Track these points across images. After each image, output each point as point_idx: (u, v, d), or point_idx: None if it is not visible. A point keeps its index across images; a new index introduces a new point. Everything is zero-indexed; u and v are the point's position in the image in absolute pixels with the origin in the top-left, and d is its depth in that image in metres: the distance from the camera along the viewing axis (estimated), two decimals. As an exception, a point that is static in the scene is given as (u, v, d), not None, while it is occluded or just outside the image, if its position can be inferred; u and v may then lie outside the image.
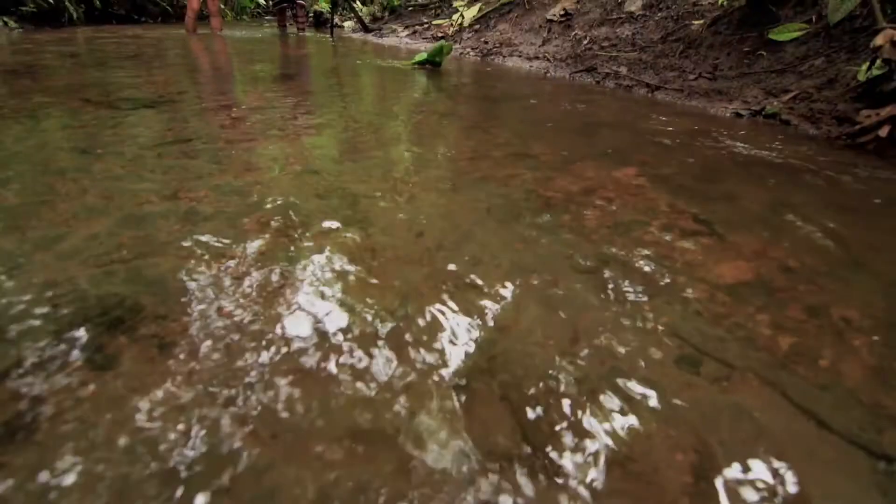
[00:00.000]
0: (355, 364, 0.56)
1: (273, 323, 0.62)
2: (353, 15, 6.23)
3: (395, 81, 2.52)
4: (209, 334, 0.59)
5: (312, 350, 0.58)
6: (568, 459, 0.45)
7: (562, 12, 3.44)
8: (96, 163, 1.10)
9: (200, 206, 0.91)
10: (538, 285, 0.73)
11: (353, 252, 0.79)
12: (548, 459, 0.45)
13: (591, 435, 0.48)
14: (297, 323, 0.62)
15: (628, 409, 0.52)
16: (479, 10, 4.25)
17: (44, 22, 5.55)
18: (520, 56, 3.24)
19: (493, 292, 0.71)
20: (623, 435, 0.48)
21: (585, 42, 3.01)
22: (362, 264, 0.76)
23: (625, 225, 0.94)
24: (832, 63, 1.99)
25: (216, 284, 0.69)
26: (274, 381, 0.52)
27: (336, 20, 6.18)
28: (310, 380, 0.53)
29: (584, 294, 0.72)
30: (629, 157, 1.33)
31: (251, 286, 0.69)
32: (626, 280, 0.76)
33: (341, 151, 1.30)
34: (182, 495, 0.40)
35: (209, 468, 0.42)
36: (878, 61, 1.69)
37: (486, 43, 3.70)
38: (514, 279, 0.74)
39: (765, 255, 0.86)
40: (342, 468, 0.43)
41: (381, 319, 0.64)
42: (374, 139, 1.42)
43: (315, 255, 0.78)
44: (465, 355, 0.58)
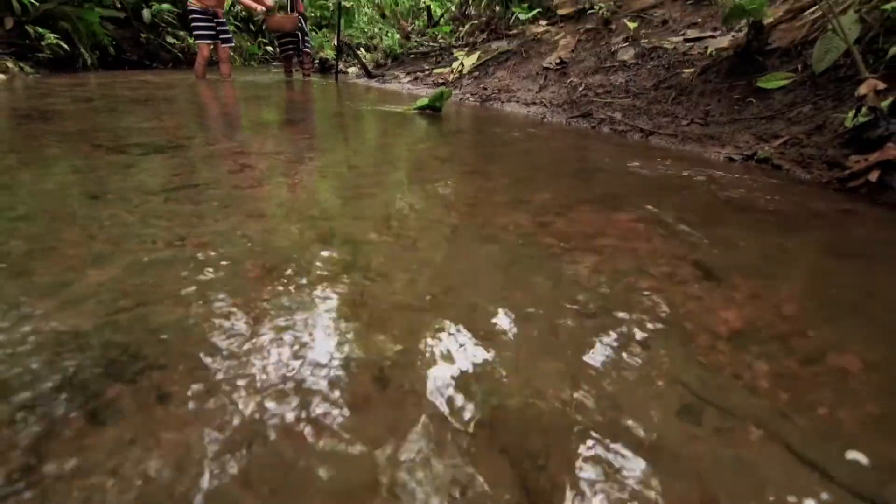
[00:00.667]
0: (354, 416, 0.56)
1: (272, 373, 0.62)
2: (356, 61, 6.47)
3: (396, 126, 2.59)
4: (208, 385, 0.59)
5: (311, 402, 0.58)
6: (570, 518, 0.45)
7: (557, 60, 3.58)
8: (105, 208, 1.13)
9: (205, 253, 0.93)
10: (537, 333, 0.74)
11: (355, 299, 0.80)
12: (550, 518, 0.45)
13: (594, 489, 0.48)
14: (296, 373, 0.62)
15: (631, 461, 0.51)
16: (479, 57, 4.42)
17: (59, 67, 5.77)
18: (517, 102, 3.35)
19: (493, 341, 0.71)
20: (627, 489, 0.48)
21: (581, 89, 3.12)
22: (363, 311, 0.77)
23: (623, 271, 0.95)
24: (819, 110, 2.06)
25: (217, 333, 0.69)
26: (271, 434, 0.52)
27: (340, 66, 6.42)
28: (308, 433, 0.53)
29: (585, 342, 0.72)
30: (626, 202, 1.36)
31: (252, 335, 0.70)
32: (627, 327, 0.76)
33: (344, 196, 1.33)
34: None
35: (207, 527, 0.42)
36: (864, 109, 1.75)
37: (485, 89, 3.83)
38: (514, 327, 0.75)
39: (763, 301, 0.87)
40: (342, 527, 0.42)
41: (380, 369, 0.64)
42: (377, 184, 1.46)
43: (316, 303, 0.79)
44: (463, 406, 0.58)
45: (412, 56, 5.95)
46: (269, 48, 9.79)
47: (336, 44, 5.89)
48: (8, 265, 0.86)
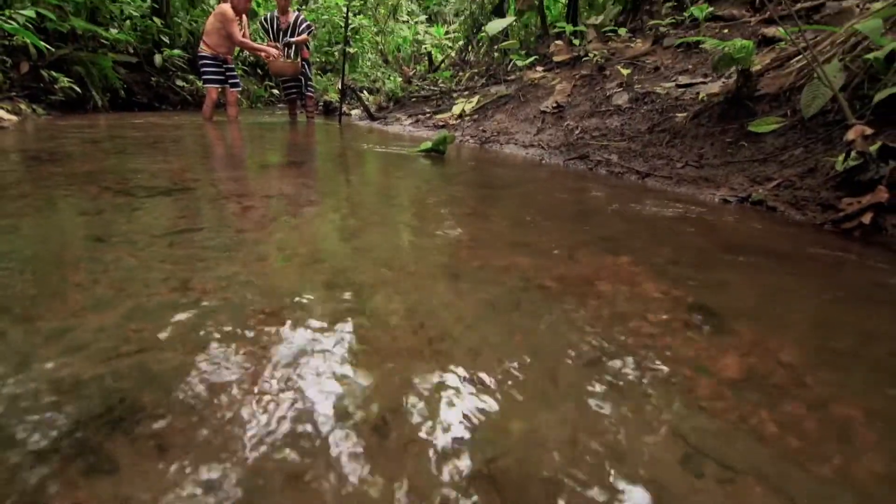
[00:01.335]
0: (354, 467, 0.55)
1: (272, 423, 0.62)
2: (359, 104, 6.66)
3: (399, 168, 2.65)
4: (207, 437, 0.59)
5: (312, 453, 0.57)
6: (573, 579, 0.44)
7: (554, 104, 3.69)
8: (110, 252, 1.15)
9: (207, 298, 0.93)
10: (538, 380, 0.74)
11: (356, 345, 0.81)
12: (552, 579, 0.44)
13: (596, 550, 0.47)
14: (297, 422, 0.62)
15: (634, 519, 0.51)
16: (478, 101, 4.56)
17: (70, 109, 5.93)
18: (516, 144, 3.43)
19: (493, 388, 0.71)
20: (629, 550, 0.47)
21: (577, 132, 3.21)
22: (364, 357, 0.77)
23: (623, 316, 0.96)
24: (811, 153, 2.11)
25: (217, 382, 0.69)
26: (271, 488, 0.52)
27: (344, 108, 6.61)
28: (307, 484, 0.52)
29: (585, 389, 0.72)
30: (625, 245, 1.38)
31: (252, 383, 0.70)
32: (627, 374, 0.76)
33: (346, 239, 1.35)
34: None
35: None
36: (853, 153, 1.80)
37: (484, 131, 3.94)
38: (514, 374, 0.75)
39: (764, 347, 0.87)
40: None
41: (380, 418, 0.64)
42: (379, 227, 1.48)
43: (317, 349, 0.79)
44: (463, 457, 0.58)
45: (413, 99, 6.14)
46: (276, 91, 10.10)
47: (340, 87, 6.09)
48: (13, 310, 0.87)
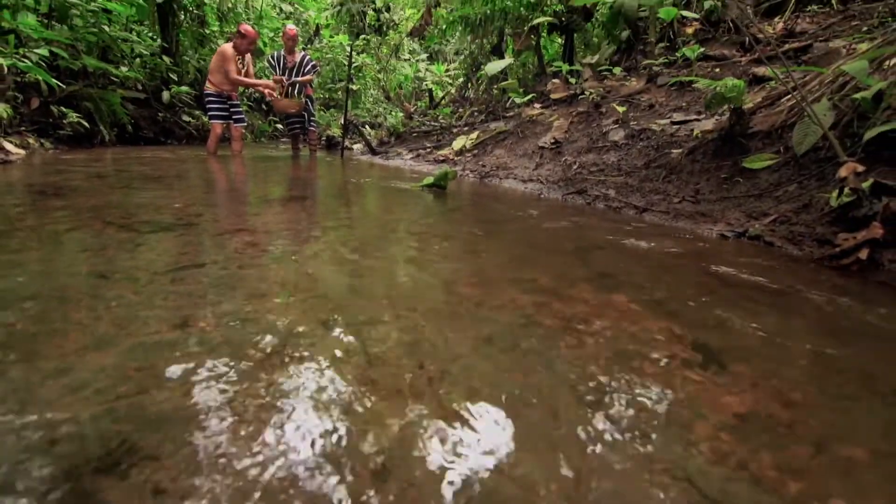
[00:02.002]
0: (354, 515, 0.55)
1: (271, 466, 0.61)
2: (361, 139, 6.80)
3: (400, 203, 2.69)
4: (205, 481, 0.58)
5: (310, 498, 0.57)
6: None
7: (552, 140, 3.77)
8: (112, 288, 1.15)
9: (208, 336, 0.94)
10: (539, 421, 0.73)
11: (356, 386, 0.80)
12: None
13: None
14: (296, 466, 0.61)
15: (637, 570, 0.49)
16: (478, 136, 4.66)
17: (77, 143, 6.05)
18: (515, 178, 3.49)
19: (494, 430, 0.71)
20: None
21: (575, 167, 3.27)
22: (363, 398, 0.77)
23: (623, 354, 0.95)
24: (805, 189, 2.15)
25: (215, 424, 0.69)
26: (269, 537, 0.51)
27: (346, 143, 6.74)
28: (306, 534, 0.52)
29: (586, 430, 0.71)
30: (624, 281, 1.38)
31: (250, 424, 0.69)
32: (628, 415, 0.76)
33: (346, 275, 1.36)
34: None
35: None
36: (846, 189, 1.83)
37: (484, 166, 4.01)
38: (515, 414, 0.74)
39: (765, 386, 0.87)
40: None
41: (380, 463, 0.63)
42: (380, 262, 1.49)
43: (316, 390, 0.79)
44: (465, 500, 0.57)
45: (415, 134, 6.27)
46: (280, 126, 10.31)
47: (343, 122, 6.23)
48: (14, 348, 0.87)
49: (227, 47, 5.26)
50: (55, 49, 5.24)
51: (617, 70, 4.77)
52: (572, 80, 4.87)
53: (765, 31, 4.17)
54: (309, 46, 9.79)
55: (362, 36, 9.32)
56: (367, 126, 7.65)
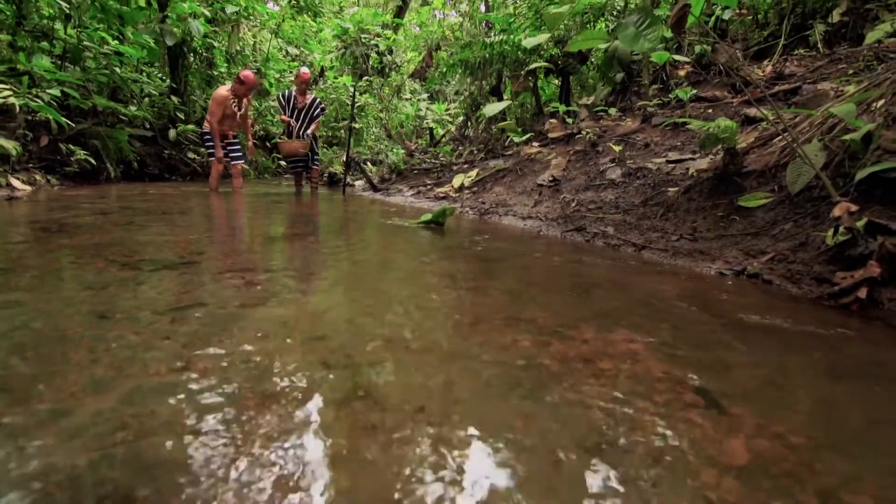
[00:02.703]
0: (352, 570, 0.53)
1: (269, 517, 0.60)
2: (363, 176, 6.91)
3: (400, 240, 2.71)
4: (202, 532, 0.57)
5: (307, 552, 0.55)
6: None
7: (550, 178, 3.84)
8: (112, 329, 1.15)
9: (207, 379, 0.93)
10: (540, 468, 0.72)
11: (355, 431, 0.79)
12: None
13: None
14: (293, 517, 0.60)
15: None
16: (477, 174, 4.74)
17: (83, 179, 6.14)
18: (514, 215, 3.53)
19: (496, 478, 0.70)
20: None
21: (574, 204, 3.31)
22: (362, 444, 0.76)
23: (625, 397, 0.95)
24: (801, 227, 2.18)
25: (213, 472, 0.68)
26: None
27: (348, 179, 6.85)
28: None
29: (588, 479, 0.70)
30: (624, 321, 1.38)
31: (249, 472, 0.68)
32: (631, 461, 0.75)
33: (346, 315, 1.36)
34: None
35: None
36: (841, 228, 1.85)
37: (483, 203, 4.06)
38: (516, 462, 0.73)
39: (769, 431, 0.86)
40: None
41: (380, 512, 0.62)
42: (380, 301, 1.50)
43: (316, 436, 0.78)
44: (467, 558, 0.56)
45: (415, 171, 6.38)
46: (283, 163, 10.51)
47: (345, 160, 6.35)
48: (12, 390, 0.86)
49: (222, 90, 5.40)
50: (67, 90, 5.40)
51: (612, 111, 4.91)
52: (569, 120, 5.01)
53: (755, 74, 4.31)
54: (314, 87, 10.09)
55: (365, 77, 9.62)
56: (368, 163, 7.80)
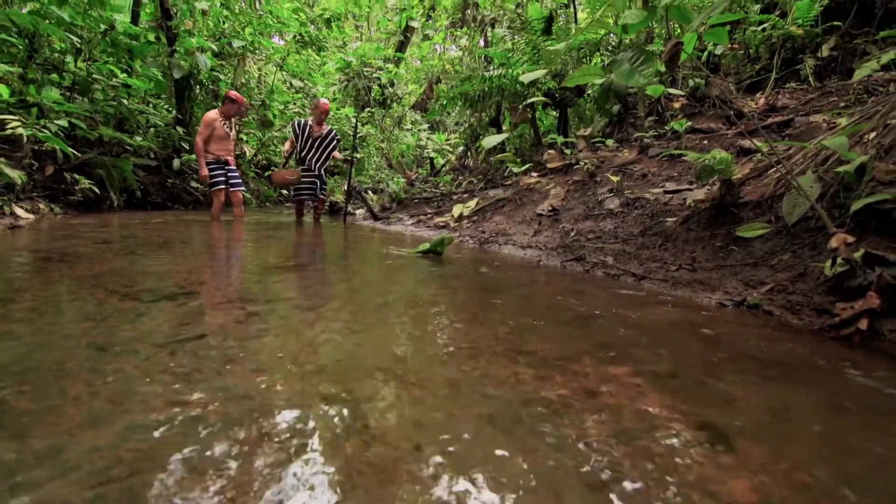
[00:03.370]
0: None
1: (265, 560, 0.59)
2: (364, 205, 6.97)
3: (400, 270, 2.72)
4: (196, 576, 0.56)
5: None
6: None
7: (549, 208, 3.87)
8: (111, 362, 1.15)
9: (205, 414, 0.92)
10: (543, 509, 0.71)
11: (354, 468, 0.78)
12: None
13: None
14: (290, 560, 0.59)
15: None
16: (477, 203, 4.79)
17: (86, 208, 6.20)
18: (514, 245, 3.55)
19: (497, 518, 0.68)
20: None
21: (573, 234, 3.33)
22: (361, 482, 0.75)
23: (628, 433, 0.94)
24: (798, 258, 2.19)
25: (211, 510, 0.67)
26: None
27: (349, 208, 6.91)
28: None
29: (591, 520, 0.69)
30: (625, 353, 1.38)
31: (246, 511, 0.67)
32: (635, 501, 0.73)
33: (347, 348, 1.35)
34: None
35: None
36: (839, 259, 1.86)
37: (483, 232, 4.09)
38: (519, 501, 0.72)
39: (774, 468, 0.84)
40: None
41: (379, 555, 0.61)
42: (379, 333, 1.49)
43: (314, 474, 0.77)
44: None
45: (416, 201, 6.44)
46: (284, 191, 10.61)
47: (346, 189, 6.41)
48: (8, 425, 0.85)
49: (212, 112, 5.46)
50: (74, 121, 5.51)
51: (610, 142, 5.00)
52: (567, 150, 5.09)
53: (748, 107, 4.41)
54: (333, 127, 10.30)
55: (367, 109, 9.83)
56: (369, 191, 7.88)
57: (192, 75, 7.83)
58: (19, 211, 5.04)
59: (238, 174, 5.82)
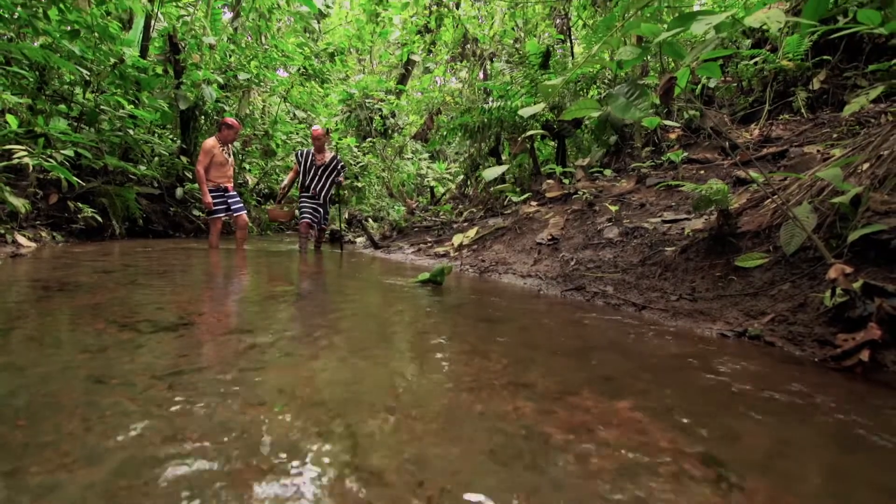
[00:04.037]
0: None
1: None
2: (364, 233, 7.01)
3: (400, 301, 2.72)
4: None
5: None
6: None
7: (549, 237, 3.90)
8: (108, 395, 1.14)
9: (202, 451, 0.91)
10: (545, 551, 0.69)
11: (352, 506, 0.77)
12: None
13: None
14: None
15: None
16: (477, 232, 4.82)
17: (88, 236, 6.23)
18: (514, 274, 3.55)
19: (498, 561, 0.67)
20: None
21: (573, 263, 3.34)
22: (360, 522, 0.73)
23: (631, 468, 0.92)
24: (798, 288, 2.19)
25: (206, 551, 0.65)
26: None
27: (349, 237, 6.95)
28: None
29: (595, 563, 0.67)
30: (627, 386, 1.37)
31: (242, 553, 0.65)
32: (638, 543, 0.72)
33: (346, 380, 1.34)
34: None
35: None
36: (838, 290, 1.86)
37: (483, 261, 4.10)
38: (520, 542, 0.71)
39: (779, 507, 0.83)
40: None
41: None
42: (378, 366, 1.48)
43: (312, 511, 0.75)
44: None
45: (416, 229, 6.48)
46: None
47: (347, 218, 6.47)
48: (1, 461, 0.84)
49: (210, 140, 5.55)
50: (80, 150, 5.59)
51: (608, 172, 5.07)
52: (566, 180, 5.15)
53: (743, 137, 4.49)
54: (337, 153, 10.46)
55: (369, 139, 10.00)
56: (370, 219, 7.94)
57: (198, 106, 8.00)
58: (21, 239, 5.07)
59: (238, 198, 5.83)
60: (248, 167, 9.98)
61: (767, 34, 5.27)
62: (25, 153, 5.01)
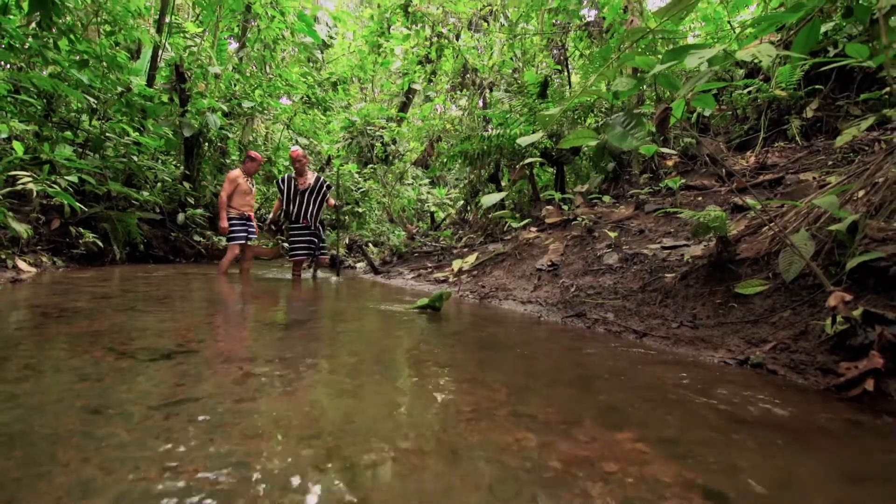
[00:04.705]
0: None
1: None
2: (364, 258, 7.03)
3: (399, 328, 2.71)
4: None
5: None
6: None
7: (549, 263, 3.91)
8: (104, 425, 1.13)
9: (197, 484, 0.90)
10: (547, 591, 0.67)
11: (350, 543, 0.75)
12: None
13: None
14: None
15: None
16: (476, 258, 4.83)
17: (89, 261, 6.24)
18: (514, 300, 3.55)
19: None
20: None
21: (573, 290, 3.34)
22: (358, 561, 0.71)
23: (634, 503, 0.91)
24: (799, 315, 2.18)
25: (199, 592, 0.64)
26: None
27: (349, 262, 6.96)
28: None
29: None
30: (629, 416, 1.35)
31: None
32: (642, 583, 0.70)
33: (344, 411, 1.33)
34: None
35: None
36: (839, 318, 1.86)
37: (483, 287, 4.09)
38: (521, 582, 0.69)
39: (786, 545, 0.81)
40: None
41: None
42: (377, 395, 1.47)
43: (309, 548, 0.74)
44: None
45: (416, 254, 6.50)
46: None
47: (347, 244, 6.49)
48: (-9, 498, 0.83)
49: (235, 171, 5.67)
50: (84, 176, 5.66)
51: (606, 198, 5.11)
52: (565, 206, 5.19)
53: (739, 164, 4.55)
54: (320, 173, 10.57)
55: (370, 165, 10.12)
56: (370, 245, 7.96)
57: (202, 133, 8.13)
58: (21, 264, 5.07)
59: (254, 228, 5.88)
60: (249, 192, 10.06)
61: (760, 64, 5.40)
62: (30, 179, 5.06)
